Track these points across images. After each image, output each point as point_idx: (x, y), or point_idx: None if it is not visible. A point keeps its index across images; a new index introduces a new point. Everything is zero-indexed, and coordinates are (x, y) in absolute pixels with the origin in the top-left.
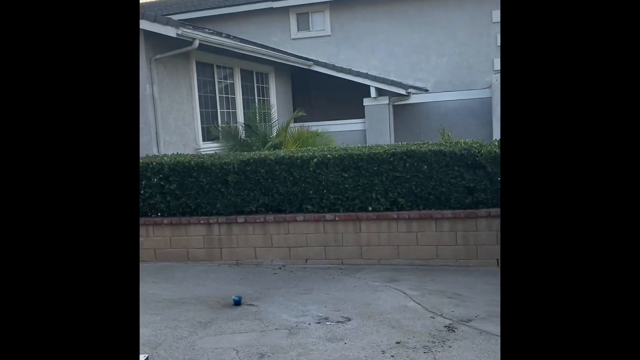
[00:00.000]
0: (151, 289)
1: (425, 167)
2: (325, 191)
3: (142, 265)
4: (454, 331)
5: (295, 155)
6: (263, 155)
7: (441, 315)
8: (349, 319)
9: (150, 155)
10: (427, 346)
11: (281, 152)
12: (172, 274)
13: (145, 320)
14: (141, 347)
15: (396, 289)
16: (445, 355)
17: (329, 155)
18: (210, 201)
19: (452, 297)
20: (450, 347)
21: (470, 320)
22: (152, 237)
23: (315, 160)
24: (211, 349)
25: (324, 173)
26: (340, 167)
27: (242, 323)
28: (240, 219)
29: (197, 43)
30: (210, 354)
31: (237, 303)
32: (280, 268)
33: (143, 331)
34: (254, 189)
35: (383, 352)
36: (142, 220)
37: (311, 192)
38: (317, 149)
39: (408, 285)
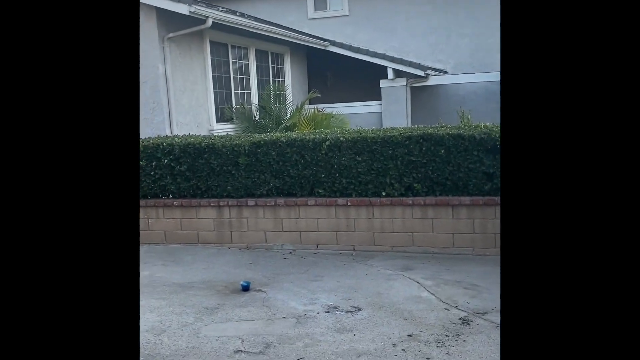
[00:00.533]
0: (160, 272)
1: (443, 151)
2: (337, 175)
3: (151, 248)
4: (469, 324)
5: (307, 137)
6: (274, 137)
7: (456, 307)
8: (360, 309)
9: (162, 136)
10: (440, 340)
11: (292, 134)
12: (181, 257)
13: (151, 304)
14: (145, 334)
15: (409, 278)
16: (459, 350)
17: (341, 138)
18: (221, 183)
19: (468, 288)
20: (464, 341)
21: (487, 313)
22: (162, 219)
23: (327, 143)
24: (216, 337)
25: (337, 156)
26: (354, 150)
27: (249, 310)
28: (251, 202)
29: (210, 21)
30: (214, 342)
31: (246, 288)
32: (290, 253)
33: (148, 316)
34: (265, 171)
35: (394, 345)
36: (152, 202)
37: (323, 175)
38: (330, 131)
39: (422, 274)
